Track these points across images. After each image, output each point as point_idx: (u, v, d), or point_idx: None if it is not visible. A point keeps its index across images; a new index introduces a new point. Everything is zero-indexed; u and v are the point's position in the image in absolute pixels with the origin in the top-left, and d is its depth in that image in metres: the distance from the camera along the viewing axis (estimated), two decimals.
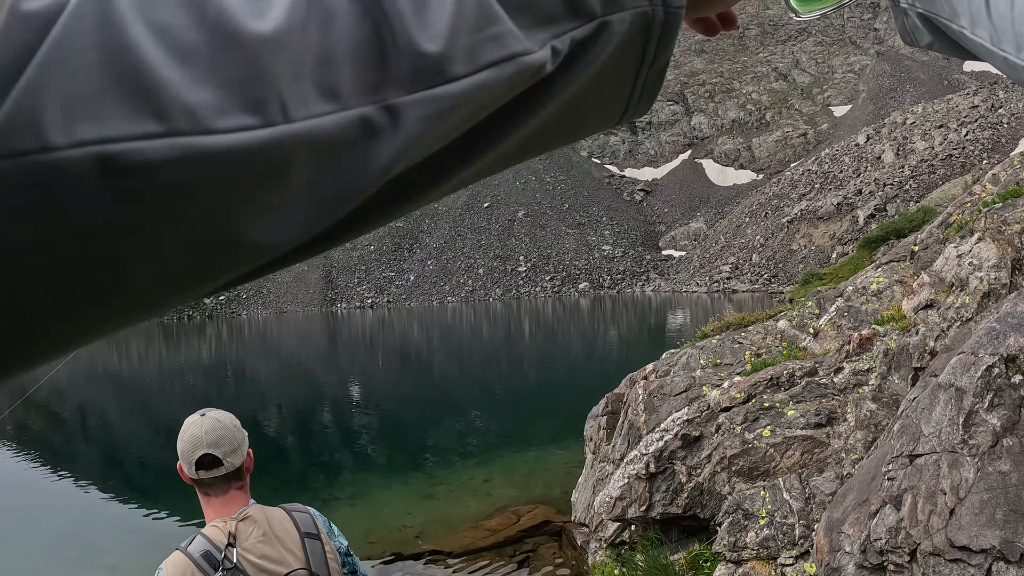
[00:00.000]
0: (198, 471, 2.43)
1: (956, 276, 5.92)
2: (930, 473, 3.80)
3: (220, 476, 2.46)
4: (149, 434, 23.46)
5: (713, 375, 7.34)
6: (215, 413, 2.51)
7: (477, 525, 11.96)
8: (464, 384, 31.23)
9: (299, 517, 2.54)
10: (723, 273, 76.88)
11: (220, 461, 2.43)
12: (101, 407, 30.77)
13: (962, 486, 3.62)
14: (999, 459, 3.62)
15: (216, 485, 2.48)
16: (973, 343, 4.20)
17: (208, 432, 2.44)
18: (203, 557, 2.33)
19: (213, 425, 2.46)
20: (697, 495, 6.49)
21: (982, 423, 3.82)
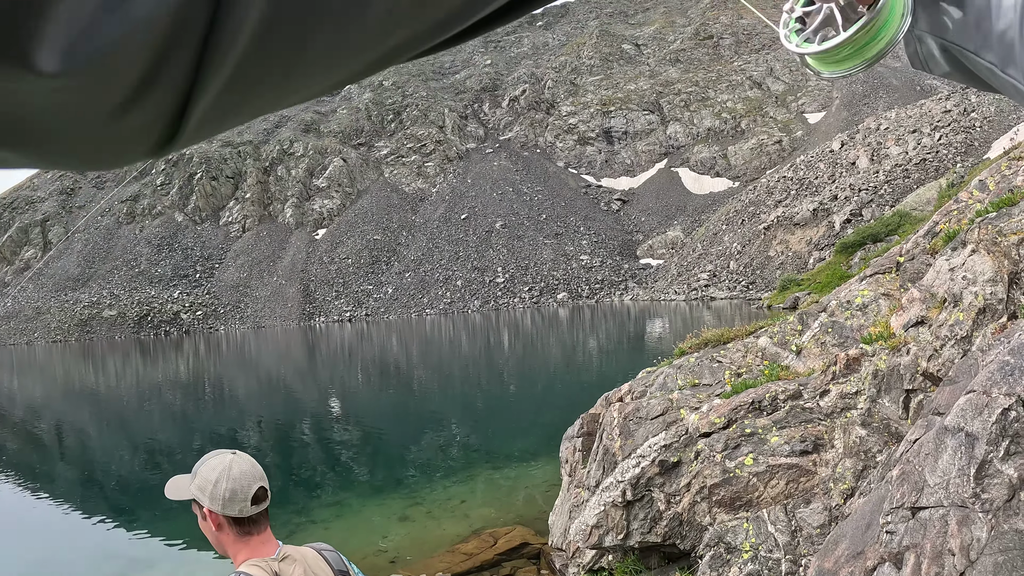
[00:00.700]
0: (253, 505, 2.39)
1: (949, 291, 5.54)
2: (936, 530, 3.32)
3: (263, 512, 2.45)
4: (127, 453, 22.91)
5: (691, 397, 6.96)
6: (241, 452, 2.51)
7: (453, 549, 11.69)
8: (444, 398, 30.85)
9: (330, 556, 2.56)
10: (701, 281, 76.90)
11: (267, 493, 2.43)
12: (78, 426, 30.09)
13: (973, 546, 3.14)
14: (1016, 515, 3.12)
15: (260, 522, 2.44)
16: (984, 380, 3.70)
17: (254, 466, 2.45)
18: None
19: (251, 460, 2.46)
20: (676, 525, 6.11)
21: (997, 474, 3.32)
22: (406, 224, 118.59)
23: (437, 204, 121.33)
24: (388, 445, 21.68)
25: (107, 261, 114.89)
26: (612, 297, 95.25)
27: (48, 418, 32.00)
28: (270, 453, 21.92)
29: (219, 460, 2.47)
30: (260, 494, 2.42)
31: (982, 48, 0.75)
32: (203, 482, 2.43)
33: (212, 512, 2.41)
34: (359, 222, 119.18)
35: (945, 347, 5.20)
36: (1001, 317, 5.18)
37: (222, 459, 2.47)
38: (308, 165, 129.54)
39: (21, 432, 28.29)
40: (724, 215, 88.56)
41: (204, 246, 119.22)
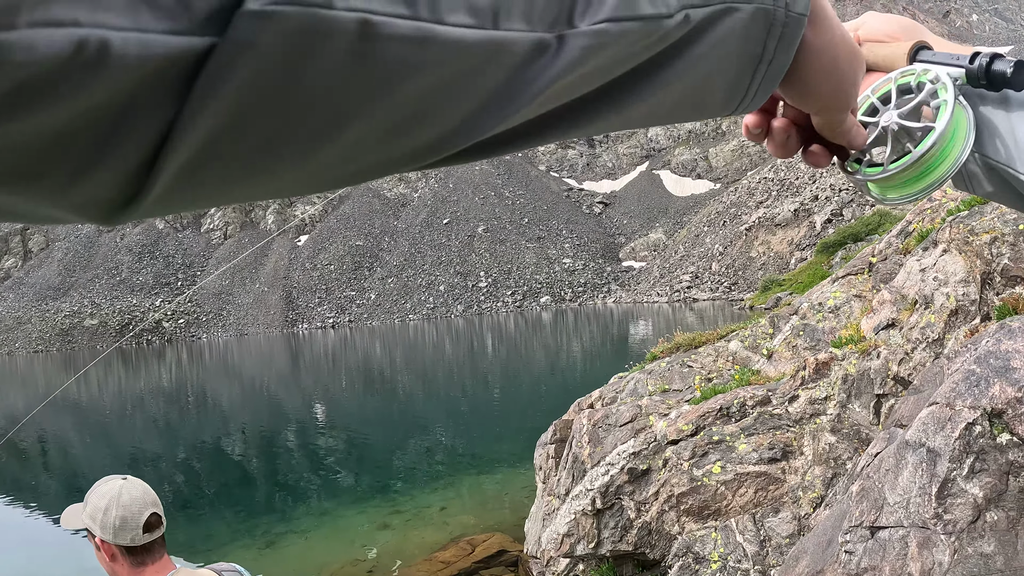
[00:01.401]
0: (145, 533, 2.30)
1: (920, 292, 5.40)
2: (895, 552, 3.10)
3: (158, 539, 2.36)
4: (109, 464, 22.59)
5: (661, 403, 6.82)
6: (133, 478, 2.42)
7: (431, 557, 11.57)
8: (428, 403, 30.70)
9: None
10: (683, 282, 77.10)
11: (161, 520, 2.36)
12: (60, 437, 29.69)
13: (935, 571, 2.92)
14: (981, 538, 2.89)
15: (155, 550, 2.35)
16: (948, 391, 3.46)
17: (146, 492, 2.36)
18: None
19: (143, 487, 2.38)
20: (646, 534, 5.98)
21: (960, 493, 3.08)
22: (388, 229, 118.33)
23: (419, 209, 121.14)
24: (371, 452, 21.54)
25: (88, 269, 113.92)
26: (595, 300, 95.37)
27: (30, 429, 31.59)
28: (253, 461, 21.76)
29: (108, 487, 2.37)
30: (153, 521, 2.33)
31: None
32: (93, 510, 2.34)
33: (104, 542, 2.31)
34: (341, 228, 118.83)
35: (916, 350, 5.07)
36: (974, 319, 5.06)
37: (111, 485, 2.37)
38: None
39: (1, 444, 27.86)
40: (706, 217, 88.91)
41: (186, 253, 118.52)
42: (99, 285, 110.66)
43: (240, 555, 12.73)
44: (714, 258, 76.61)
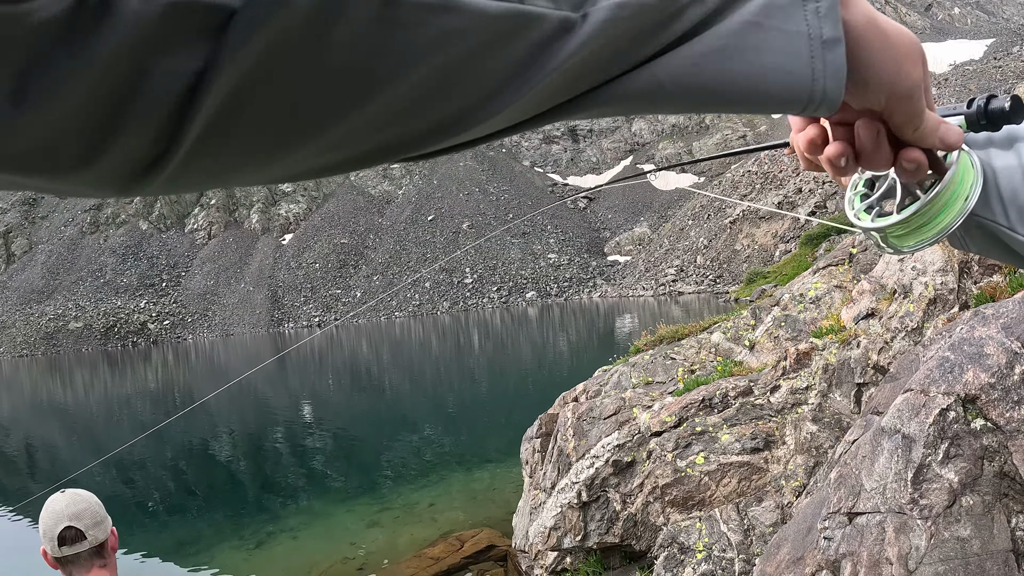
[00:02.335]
0: (60, 547, 2.34)
1: (898, 282, 5.45)
2: (873, 537, 3.11)
3: (84, 552, 2.38)
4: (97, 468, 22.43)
5: (644, 395, 6.85)
6: (74, 490, 2.49)
7: (420, 553, 11.58)
8: (415, 400, 30.67)
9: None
10: (668, 276, 77.28)
11: (83, 535, 2.37)
12: (47, 441, 29.45)
13: (912, 555, 2.94)
14: (957, 523, 2.92)
15: (79, 563, 2.39)
16: (922, 378, 3.49)
17: (68, 505, 2.40)
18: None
19: (73, 499, 2.44)
20: (631, 526, 6.01)
21: (936, 479, 3.11)
22: (373, 227, 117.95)
23: (404, 206, 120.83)
24: (359, 450, 21.52)
25: (72, 272, 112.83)
26: (581, 295, 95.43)
27: (16, 434, 31.31)
28: (242, 462, 21.68)
29: (49, 499, 2.48)
30: (67, 535, 2.35)
31: (1018, 223, 0.74)
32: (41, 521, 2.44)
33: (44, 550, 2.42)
34: (326, 226, 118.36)
35: (896, 339, 5.12)
36: (952, 308, 5.12)
37: (51, 498, 2.48)
38: None
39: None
40: (690, 210, 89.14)
41: (170, 254, 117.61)
42: (83, 287, 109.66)
43: (230, 556, 12.72)
44: (699, 251, 76.84)
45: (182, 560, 12.90)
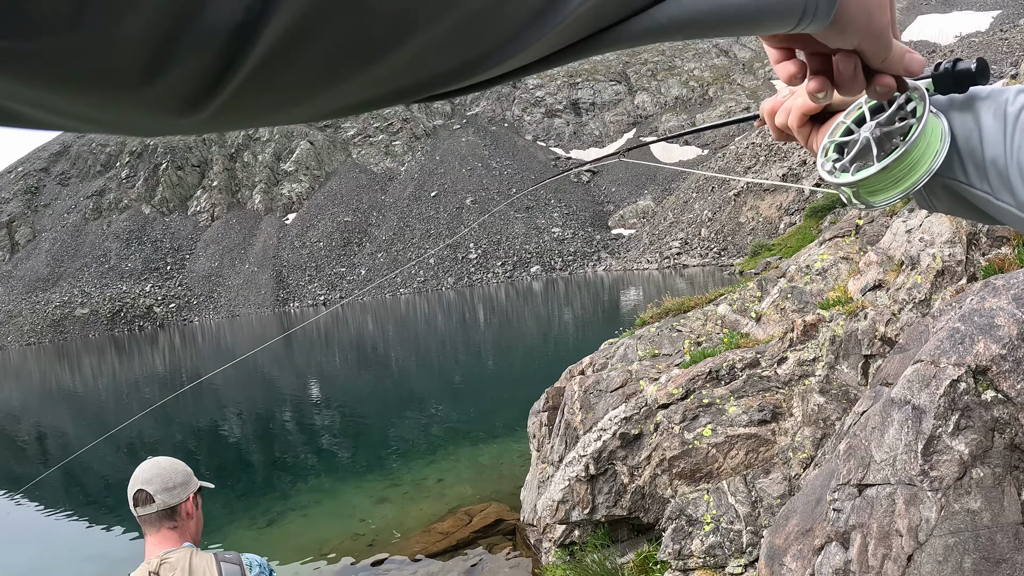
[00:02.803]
0: (134, 508, 2.58)
1: (906, 253, 5.39)
2: (883, 509, 3.09)
3: (154, 514, 2.57)
4: (109, 452, 22.57)
5: (651, 368, 6.83)
6: (159, 458, 2.72)
7: (429, 529, 11.66)
8: (422, 377, 30.75)
9: (226, 568, 2.56)
10: (673, 249, 77.09)
11: (152, 498, 2.56)
12: (58, 428, 29.62)
13: (922, 527, 2.92)
14: (967, 495, 2.89)
15: (149, 523, 2.59)
16: (932, 349, 3.43)
17: (145, 471, 2.62)
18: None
19: (152, 466, 2.66)
20: (639, 498, 6.03)
21: (946, 450, 3.06)
22: (376, 204, 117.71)
23: (406, 183, 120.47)
24: (367, 427, 21.62)
25: (76, 259, 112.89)
26: (585, 268, 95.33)
27: (27, 422, 31.51)
28: (251, 441, 21.81)
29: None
30: (138, 497, 2.57)
31: (976, 179, 0.79)
32: None
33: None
34: (329, 205, 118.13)
35: (903, 311, 5.08)
36: (960, 279, 5.07)
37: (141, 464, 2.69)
38: (274, 150, 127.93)
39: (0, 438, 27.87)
40: (694, 183, 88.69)
41: (174, 237, 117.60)
42: (88, 274, 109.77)
43: (241, 535, 12.82)
44: (703, 224, 76.56)
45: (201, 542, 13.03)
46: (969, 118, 0.81)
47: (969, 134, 0.80)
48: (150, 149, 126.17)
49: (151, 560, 2.51)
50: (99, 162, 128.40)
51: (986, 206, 0.80)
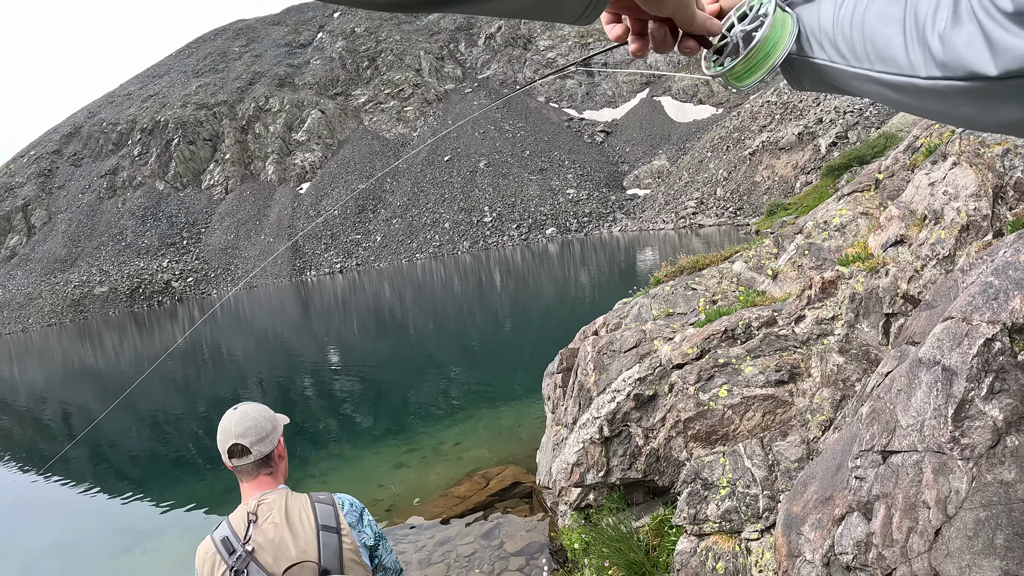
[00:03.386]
0: (230, 459, 2.67)
1: (929, 207, 5.15)
2: (909, 478, 2.88)
3: (251, 463, 2.69)
4: (134, 426, 22.84)
5: (665, 327, 6.67)
6: (246, 406, 2.79)
7: (446, 493, 11.73)
8: (439, 341, 30.83)
9: (320, 508, 2.63)
10: (688, 209, 76.40)
11: (248, 450, 2.67)
12: (82, 405, 30.01)
13: (951, 499, 2.71)
14: (1001, 465, 2.66)
15: (247, 472, 2.70)
16: (964, 305, 3.16)
17: (236, 424, 2.69)
18: (222, 543, 2.47)
19: (242, 417, 2.73)
20: (654, 461, 5.92)
21: (978, 416, 2.82)
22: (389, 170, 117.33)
23: (418, 148, 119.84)
24: (385, 393, 21.74)
25: (93, 238, 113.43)
26: (601, 229, 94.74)
27: (52, 401, 31.92)
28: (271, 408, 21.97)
29: (225, 415, 2.77)
30: (234, 450, 2.66)
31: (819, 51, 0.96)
32: None
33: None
34: (342, 173, 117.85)
35: (926, 267, 4.87)
36: (986, 234, 4.85)
37: (225, 414, 2.77)
38: (286, 120, 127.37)
39: (27, 418, 28.26)
40: (709, 142, 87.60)
41: (188, 212, 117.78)
42: (105, 252, 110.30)
43: None
44: (718, 183, 75.71)
45: (218, 509, 13.15)
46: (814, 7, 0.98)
47: (812, 19, 0.97)
48: (161, 125, 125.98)
49: (249, 502, 2.60)
50: (111, 141, 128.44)
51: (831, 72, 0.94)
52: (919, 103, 0.81)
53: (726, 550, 4.66)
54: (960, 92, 0.73)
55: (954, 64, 0.72)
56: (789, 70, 1.04)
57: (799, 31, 1.00)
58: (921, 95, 0.79)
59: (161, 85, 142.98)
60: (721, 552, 4.65)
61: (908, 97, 0.82)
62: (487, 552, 9.19)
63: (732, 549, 4.64)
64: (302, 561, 2.44)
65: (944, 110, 0.78)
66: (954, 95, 0.74)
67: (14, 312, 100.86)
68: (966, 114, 0.76)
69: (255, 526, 2.50)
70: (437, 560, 9.26)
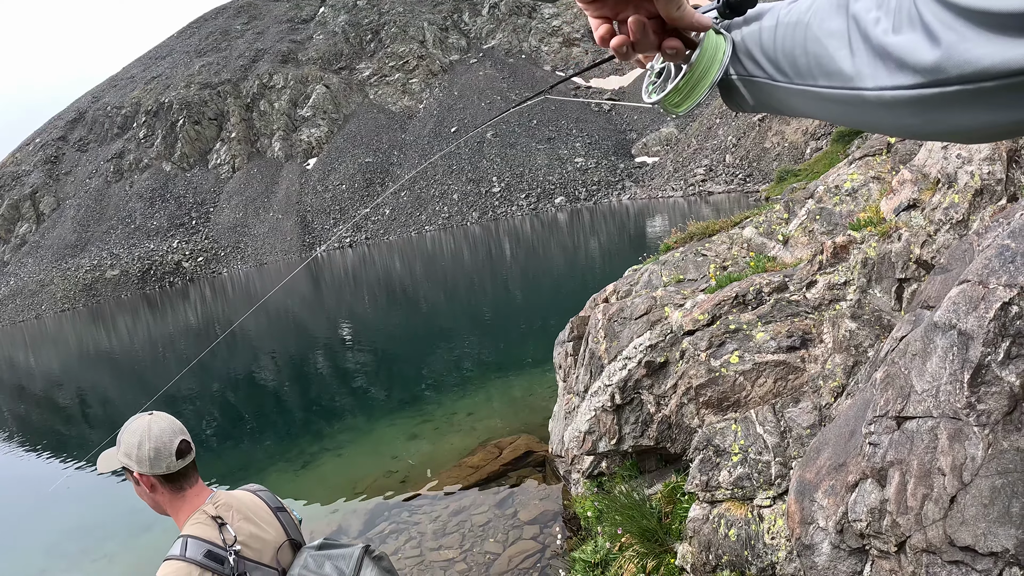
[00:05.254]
0: (178, 460, 2.49)
1: (942, 171, 5.06)
2: (924, 445, 2.83)
3: (190, 464, 2.55)
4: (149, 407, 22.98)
5: (675, 293, 6.63)
6: (157, 411, 2.63)
7: (460, 463, 11.82)
8: (450, 312, 30.92)
9: (264, 495, 2.71)
10: (698, 176, 75.89)
11: (191, 446, 2.55)
12: (98, 389, 30.27)
13: (967, 466, 2.66)
14: (1017, 431, 2.60)
15: (190, 475, 2.55)
16: (980, 268, 3.08)
17: (172, 422, 2.56)
18: (207, 556, 2.34)
19: (168, 416, 2.59)
20: (666, 428, 5.92)
21: (995, 381, 2.74)
22: (396, 143, 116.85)
23: (426, 120, 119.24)
24: (398, 365, 21.85)
25: (102, 222, 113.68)
26: (610, 198, 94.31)
27: (68, 385, 32.20)
28: (285, 386, 22.13)
29: (138, 424, 2.54)
30: (183, 447, 2.51)
31: (755, 69, 0.95)
32: (128, 448, 2.49)
33: (143, 475, 2.48)
34: (349, 147, 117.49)
35: (939, 232, 4.80)
36: (1000, 199, 4.78)
37: (140, 422, 2.54)
38: (290, 96, 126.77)
39: (44, 403, 28.53)
40: (718, 109, 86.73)
41: (196, 192, 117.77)
42: (115, 236, 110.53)
43: (278, 478, 13.04)
44: (727, 150, 75.10)
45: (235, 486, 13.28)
46: (755, 26, 0.95)
47: (753, 38, 0.94)
48: (165, 107, 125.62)
49: (205, 508, 2.51)
50: (116, 125, 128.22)
51: (771, 91, 0.93)
52: (865, 116, 0.78)
53: (738, 517, 4.66)
54: (906, 102, 0.70)
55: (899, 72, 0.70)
56: (728, 94, 1.03)
57: (733, 50, 0.98)
58: (867, 107, 0.76)
59: (164, 66, 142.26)
60: (733, 519, 4.66)
61: (854, 111, 0.79)
62: (501, 521, 9.26)
63: (744, 516, 4.65)
64: (279, 543, 2.55)
65: (892, 122, 0.75)
66: (900, 105, 0.71)
67: (27, 299, 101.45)
68: (911, 125, 0.73)
69: (226, 528, 2.45)
70: (452, 530, 9.34)
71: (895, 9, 0.71)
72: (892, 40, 0.71)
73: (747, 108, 1.04)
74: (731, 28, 1.01)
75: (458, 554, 8.57)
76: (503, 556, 8.24)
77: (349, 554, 2.54)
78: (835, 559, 3.22)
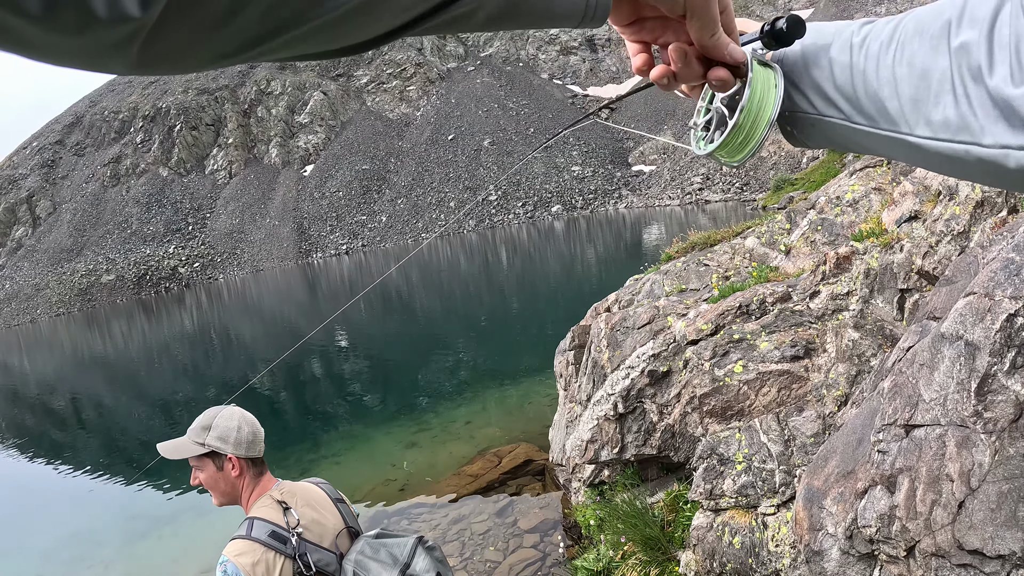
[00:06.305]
0: (261, 449, 2.77)
1: (943, 183, 5.13)
2: (932, 452, 2.91)
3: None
4: (145, 413, 22.97)
5: (678, 303, 6.69)
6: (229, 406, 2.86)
7: (459, 471, 11.80)
8: (447, 320, 30.90)
9: (326, 487, 2.91)
10: (695, 184, 76.12)
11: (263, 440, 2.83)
12: (93, 394, 30.17)
13: (975, 472, 2.74)
14: (1023, 438, 2.68)
15: (265, 463, 2.83)
16: (986, 281, 3.16)
17: (250, 416, 2.83)
18: (271, 536, 2.50)
19: (244, 412, 2.85)
20: (669, 437, 5.95)
21: (1001, 390, 2.83)
22: (394, 151, 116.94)
23: (423, 127, 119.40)
24: (395, 373, 21.82)
25: (98, 227, 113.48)
26: (606, 206, 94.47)
27: (63, 390, 32.11)
28: (282, 393, 22.09)
29: (229, 411, 2.80)
30: (262, 436, 2.82)
31: (824, 107, 0.84)
32: (225, 432, 2.70)
33: (236, 458, 2.70)
34: (346, 154, 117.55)
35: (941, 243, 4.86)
36: (1000, 211, 4.83)
37: (231, 410, 2.81)
38: (288, 102, 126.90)
39: (39, 408, 28.43)
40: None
41: (193, 197, 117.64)
42: (111, 240, 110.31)
43: None
44: None
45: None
46: (823, 58, 0.84)
47: (823, 72, 0.84)
48: (163, 112, 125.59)
49: (271, 493, 2.71)
50: (113, 129, 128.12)
51: (844, 131, 0.83)
52: (976, 173, 0.68)
53: (742, 525, 4.70)
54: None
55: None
56: (788, 128, 0.92)
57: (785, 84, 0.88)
58: (982, 165, 0.65)
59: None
60: (737, 527, 4.69)
61: (961, 166, 0.68)
62: (501, 529, 9.27)
63: (748, 524, 4.68)
64: (338, 530, 2.74)
65: (1017, 179, 0.64)
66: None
67: (22, 303, 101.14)
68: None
69: (290, 512, 2.63)
70: (452, 538, 9.34)
71: (1010, 47, 0.61)
72: (1014, 93, 0.60)
73: (806, 144, 0.94)
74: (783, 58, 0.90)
75: (458, 562, 8.58)
76: (503, 564, 8.25)
77: (403, 543, 2.71)
78: (844, 564, 3.28)
